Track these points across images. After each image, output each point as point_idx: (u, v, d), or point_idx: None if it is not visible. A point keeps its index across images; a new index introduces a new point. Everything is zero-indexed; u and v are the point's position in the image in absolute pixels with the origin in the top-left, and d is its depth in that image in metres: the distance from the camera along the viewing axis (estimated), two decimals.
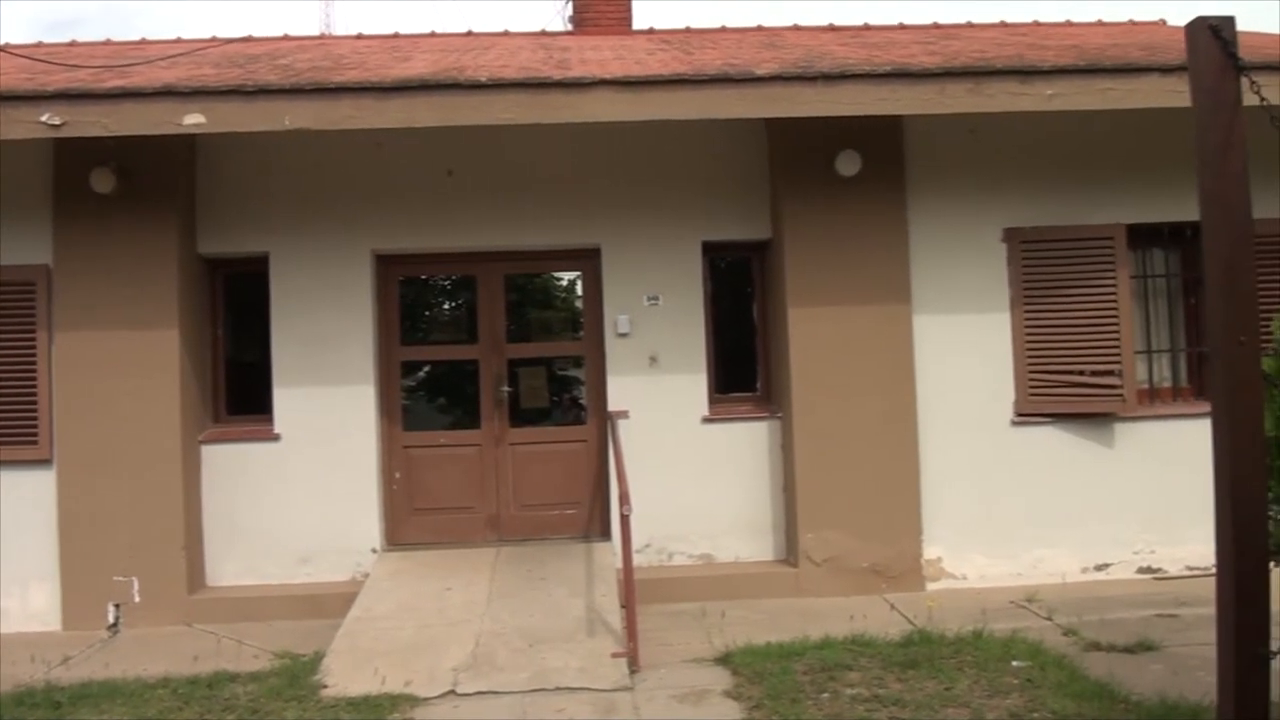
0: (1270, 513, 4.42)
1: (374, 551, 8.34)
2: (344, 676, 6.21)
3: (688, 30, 11.36)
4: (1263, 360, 4.62)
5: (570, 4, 12.00)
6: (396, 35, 11.46)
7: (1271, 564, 4.39)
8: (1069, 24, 11.54)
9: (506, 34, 11.43)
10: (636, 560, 7.09)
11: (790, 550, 8.35)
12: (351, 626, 6.99)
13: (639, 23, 11.54)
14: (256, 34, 11.42)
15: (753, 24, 11.50)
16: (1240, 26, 3.18)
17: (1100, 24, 11.54)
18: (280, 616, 7.81)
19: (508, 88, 7.28)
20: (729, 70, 7.54)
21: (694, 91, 7.38)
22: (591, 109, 7.31)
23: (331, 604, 7.59)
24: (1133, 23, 11.51)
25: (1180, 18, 3.31)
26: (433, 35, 11.46)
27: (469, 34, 11.43)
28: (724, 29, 11.36)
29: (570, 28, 11.95)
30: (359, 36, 11.66)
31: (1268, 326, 4.42)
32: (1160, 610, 7.22)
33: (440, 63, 8.37)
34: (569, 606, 7.20)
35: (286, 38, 11.42)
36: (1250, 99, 3.10)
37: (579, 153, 8.49)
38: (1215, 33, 3.07)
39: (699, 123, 7.80)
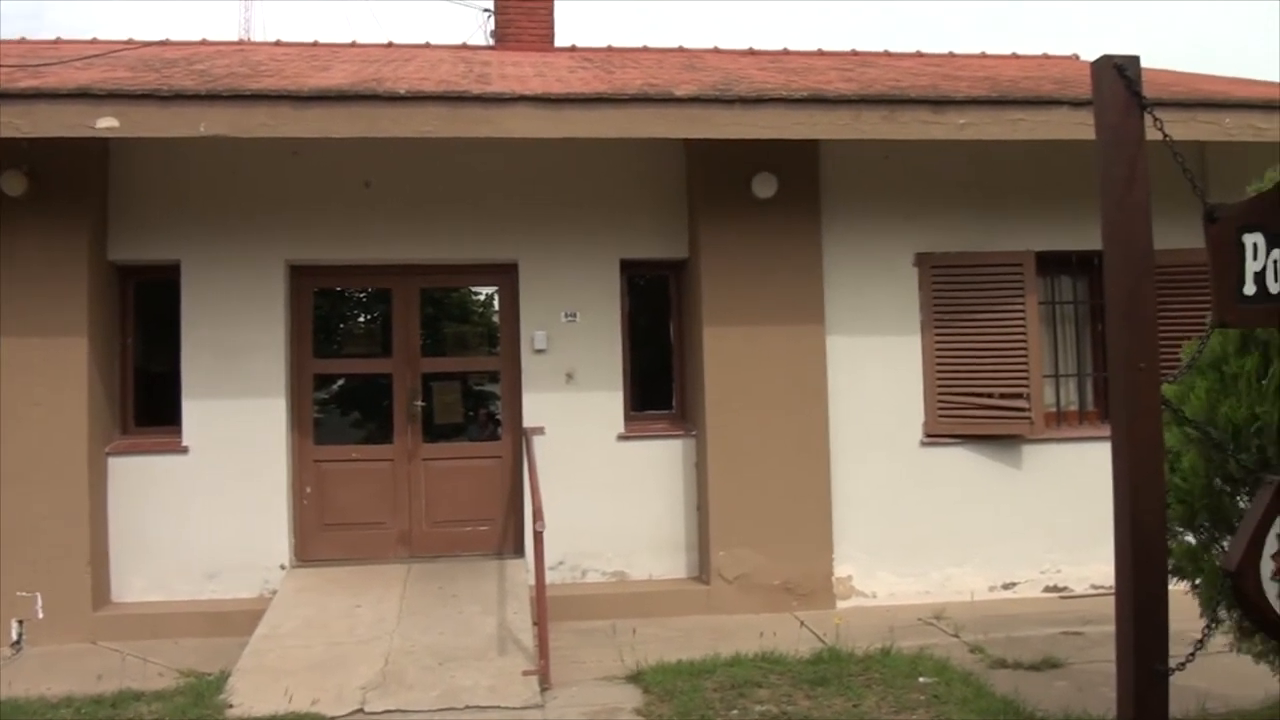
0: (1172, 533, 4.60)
1: (283, 568, 8.18)
2: (250, 696, 6.08)
3: (609, 49, 11.41)
4: (1164, 386, 4.79)
5: (492, 19, 11.98)
6: (316, 44, 11.34)
7: (1171, 582, 4.56)
8: (984, 56, 11.82)
9: (428, 46, 11.37)
10: (550, 577, 7.06)
11: (703, 568, 8.38)
12: (259, 644, 6.85)
13: (561, 40, 11.57)
14: (175, 38, 11.20)
15: (674, 45, 11.59)
16: (1145, 64, 3.29)
17: (1015, 57, 11.84)
18: (187, 634, 7.61)
19: (427, 101, 7.25)
20: (649, 90, 7.59)
21: (614, 110, 7.42)
22: (511, 125, 7.31)
23: (239, 621, 7.42)
24: (1046, 57, 11.84)
25: (1095, 54, 3.41)
26: (353, 45, 11.36)
27: (390, 45, 11.35)
28: (645, 49, 11.44)
29: (492, 43, 11.92)
30: (278, 43, 11.51)
31: (1168, 353, 4.58)
32: (1066, 628, 7.39)
33: (360, 73, 8.30)
34: (481, 624, 7.14)
35: (205, 42, 11.23)
36: (1154, 134, 3.20)
37: (498, 168, 8.45)
38: (1120, 71, 3.16)
39: (619, 141, 7.84)
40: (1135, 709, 3.12)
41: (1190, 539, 4.58)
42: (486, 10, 12.74)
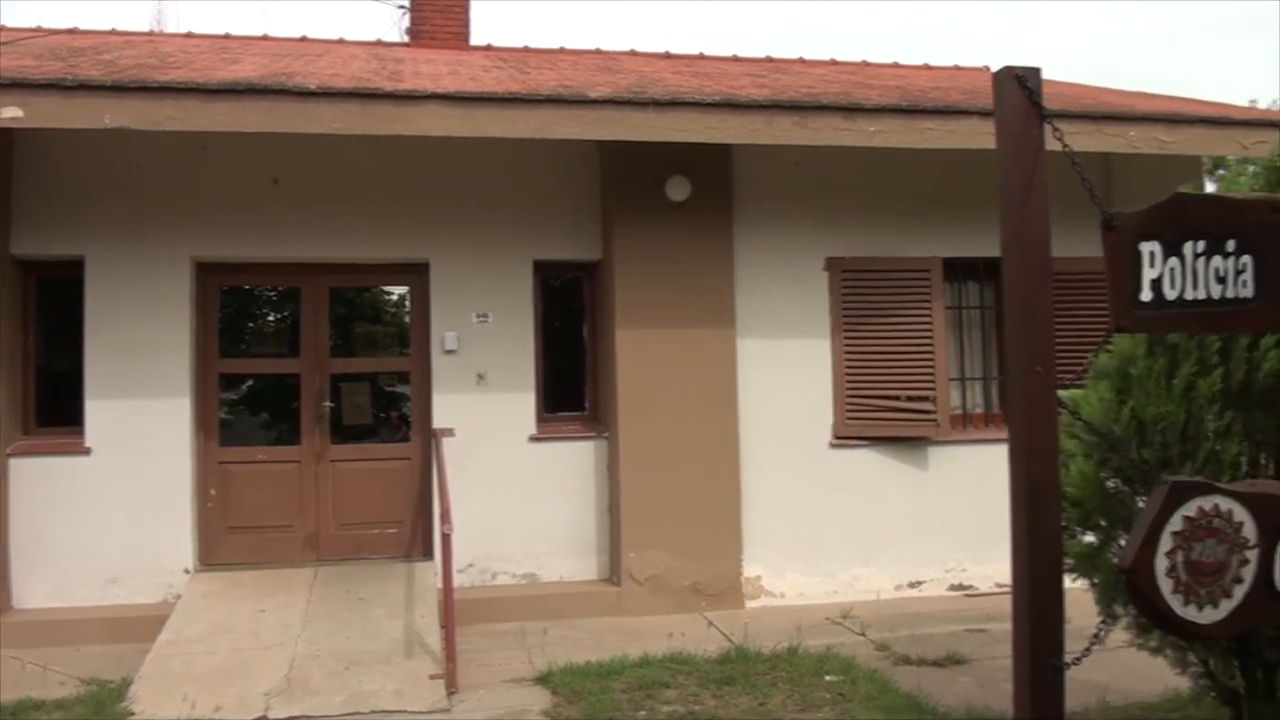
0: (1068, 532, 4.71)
1: (187, 572, 8.00)
2: (152, 703, 5.93)
3: (525, 49, 11.36)
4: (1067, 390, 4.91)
5: (407, 16, 11.86)
6: (228, 36, 11.10)
7: (1071, 580, 4.68)
8: (896, 66, 12.01)
9: (341, 42, 11.21)
10: (460, 580, 7.01)
11: (614, 570, 8.39)
12: (161, 650, 6.69)
13: (477, 39, 11.49)
14: (84, 26, 10.88)
15: (591, 47, 11.59)
16: (1059, 78, 3.38)
17: (926, 67, 12.06)
18: (90, 640, 7.37)
19: (337, 97, 7.15)
20: (563, 92, 7.58)
21: (527, 111, 7.40)
22: (422, 123, 7.24)
23: (143, 627, 7.20)
24: (957, 68, 12.08)
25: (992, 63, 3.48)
26: (265, 38, 11.16)
27: (303, 39, 11.17)
28: (562, 50, 11.41)
29: (407, 40, 11.81)
30: (189, 35, 11.24)
31: (1075, 356, 4.68)
32: (970, 625, 7.54)
33: (270, 67, 8.16)
34: (387, 628, 7.06)
35: (114, 32, 10.92)
36: (1053, 144, 3.28)
37: (410, 166, 8.37)
38: (1021, 82, 3.23)
39: (533, 142, 7.81)
40: (1031, 703, 3.19)
41: (1089, 538, 4.69)
42: (402, 7, 12.65)
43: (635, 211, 8.32)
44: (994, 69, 3.31)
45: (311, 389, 8.60)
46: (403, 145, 7.82)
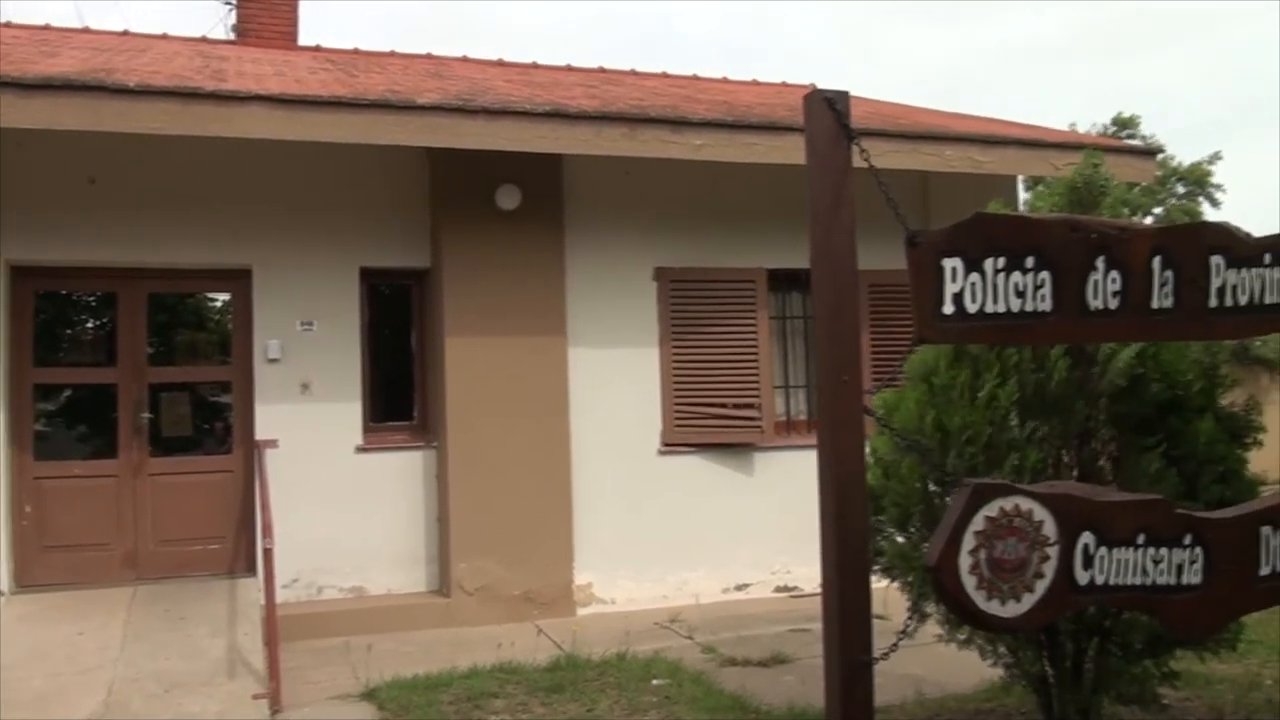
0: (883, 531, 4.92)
1: (1, 594, 7.58)
2: None
3: (355, 52, 11.19)
4: (876, 395, 5.12)
5: (234, 13, 11.54)
6: (48, 27, 10.54)
7: (887, 581, 4.88)
8: (726, 81, 12.28)
9: (165, 37, 10.79)
10: (285, 595, 6.86)
11: (444, 581, 8.32)
12: None
13: (306, 39, 11.26)
14: None
15: (423, 52, 11.47)
16: (883, 97, 3.53)
17: (755, 84, 12.36)
18: None
19: (157, 95, 6.92)
20: (390, 97, 7.51)
21: (354, 115, 7.31)
22: (244, 124, 7.07)
23: None
24: (785, 85, 12.41)
25: (838, 85, 3.62)
26: (86, 31, 10.68)
27: (125, 34, 10.71)
28: (393, 54, 11.27)
29: (233, 38, 11.48)
30: (8, 25, 10.63)
31: (889, 365, 4.89)
32: (794, 625, 7.75)
33: (90, 62, 7.83)
34: (209, 647, 6.84)
35: None
36: (882, 162, 3.43)
37: (234, 169, 8.13)
38: (830, 104, 3.38)
39: (362, 147, 7.70)
40: (841, 698, 3.31)
41: (901, 539, 4.90)
42: (228, 4, 12.30)
43: (465, 219, 8.29)
44: (819, 87, 3.44)
45: (129, 400, 8.26)
46: (226, 147, 7.59)
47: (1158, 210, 23.56)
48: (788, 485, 8.84)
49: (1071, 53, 48.94)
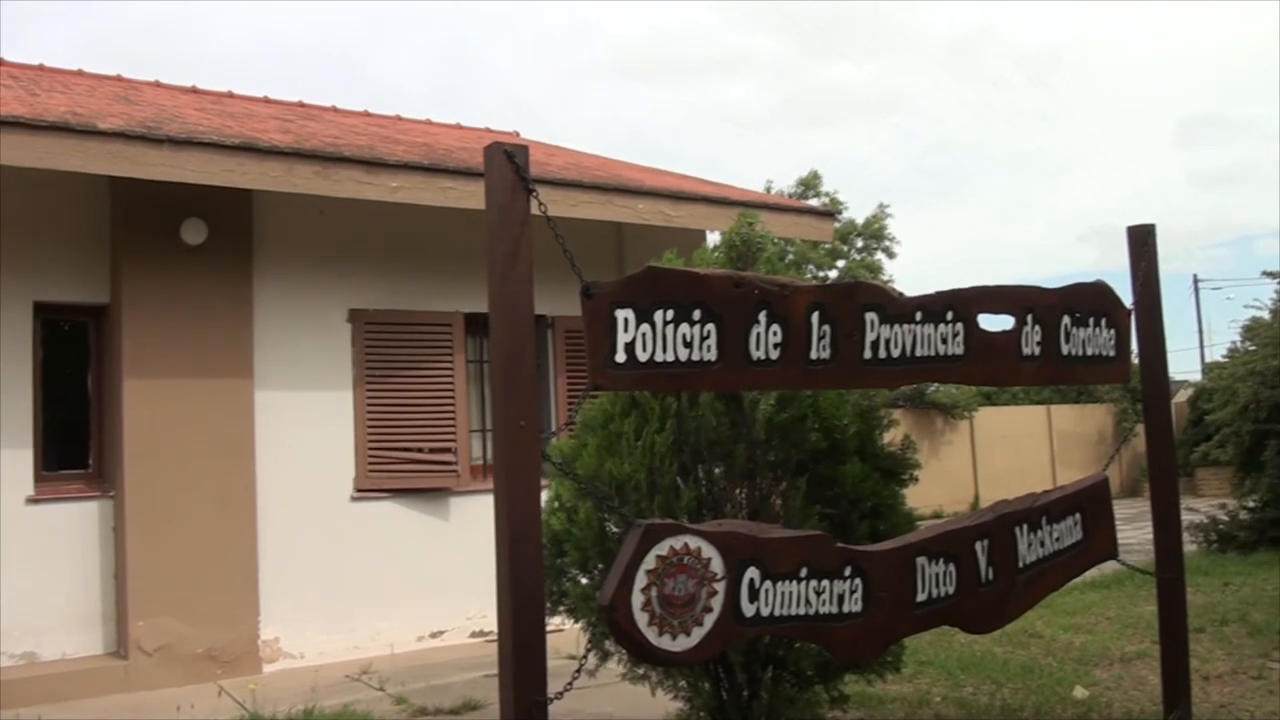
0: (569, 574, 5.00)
1: None
2: None
3: (40, 68, 10.38)
4: (555, 441, 5.23)
5: None
6: None
7: (570, 621, 4.97)
8: (429, 123, 12.24)
9: None
10: None
11: (121, 642, 7.76)
12: None
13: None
14: None
15: (113, 73, 10.80)
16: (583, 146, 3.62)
17: (459, 127, 12.39)
18: None
19: None
20: (71, 120, 7.05)
21: (29, 137, 6.80)
22: None
23: None
24: (488, 129, 12.48)
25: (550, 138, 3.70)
26: None
27: None
28: (80, 73, 10.53)
29: None
30: None
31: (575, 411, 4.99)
32: (488, 671, 7.69)
33: None
34: None
35: None
36: (578, 213, 3.53)
37: None
38: (509, 157, 3.46)
39: (37, 172, 7.13)
40: None
41: (585, 580, 5.01)
42: None
43: (148, 253, 7.85)
44: (499, 141, 3.50)
45: None
46: None
47: (841, 263, 25.23)
48: (483, 529, 8.65)
49: (775, 121, 52.65)
